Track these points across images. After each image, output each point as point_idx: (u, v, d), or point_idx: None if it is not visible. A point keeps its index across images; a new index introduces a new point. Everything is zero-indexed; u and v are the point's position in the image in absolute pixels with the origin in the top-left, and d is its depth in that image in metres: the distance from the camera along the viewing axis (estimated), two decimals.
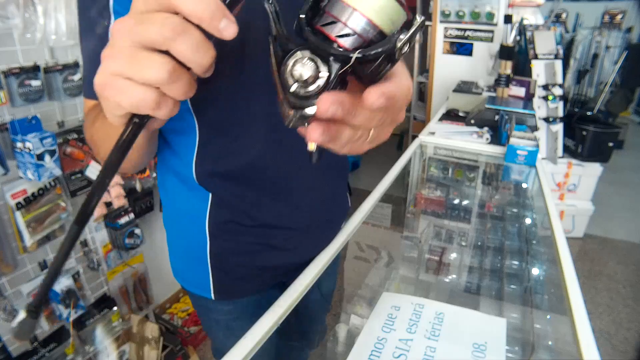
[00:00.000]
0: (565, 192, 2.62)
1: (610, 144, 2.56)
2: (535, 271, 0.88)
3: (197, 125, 0.61)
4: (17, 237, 1.23)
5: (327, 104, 0.31)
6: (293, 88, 0.33)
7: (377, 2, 0.32)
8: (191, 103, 0.58)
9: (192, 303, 0.94)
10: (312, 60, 0.33)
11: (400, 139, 4.02)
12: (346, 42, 0.32)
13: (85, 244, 1.47)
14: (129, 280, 1.66)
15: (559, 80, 2.24)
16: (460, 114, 1.84)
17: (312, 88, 0.33)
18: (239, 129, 0.62)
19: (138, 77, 0.30)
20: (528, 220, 1.09)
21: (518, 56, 2.25)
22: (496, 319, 0.64)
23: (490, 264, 0.91)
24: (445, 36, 2.62)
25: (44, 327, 1.35)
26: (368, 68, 0.32)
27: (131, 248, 1.58)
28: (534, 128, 1.52)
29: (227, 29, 0.31)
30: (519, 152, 1.27)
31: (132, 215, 1.57)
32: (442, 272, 0.89)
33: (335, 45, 0.32)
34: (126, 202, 1.56)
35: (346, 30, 0.32)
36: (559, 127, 2.29)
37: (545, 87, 2.24)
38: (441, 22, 2.59)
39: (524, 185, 1.27)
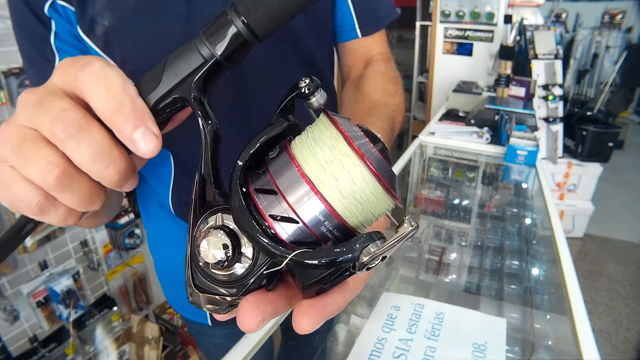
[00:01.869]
0: (565, 192, 2.62)
1: (610, 144, 2.56)
2: (535, 271, 0.88)
3: (172, 158, 0.58)
4: None
5: (250, 322, 0.23)
6: (202, 262, 0.23)
7: (349, 182, 0.21)
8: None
9: (187, 327, 0.92)
10: (231, 236, 0.23)
11: (400, 139, 4.02)
12: (282, 230, 0.22)
13: (85, 244, 1.47)
14: (129, 280, 1.66)
15: (559, 80, 2.23)
16: (460, 114, 1.84)
17: (227, 274, 0.23)
18: None
19: (21, 170, 0.23)
20: (528, 220, 1.09)
21: (518, 56, 2.25)
22: (496, 319, 0.64)
23: (490, 264, 0.91)
24: (445, 36, 2.62)
25: (44, 327, 1.35)
26: (311, 277, 0.22)
27: (131, 248, 1.58)
28: (534, 128, 1.52)
29: (144, 142, 0.23)
30: (519, 152, 1.27)
31: (132, 215, 1.57)
32: (442, 272, 0.89)
33: (266, 228, 0.22)
34: (126, 202, 1.56)
35: (287, 213, 0.22)
36: (559, 127, 2.29)
37: (545, 87, 2.24)
38: (441, 22, 2.59)
39: (524, 185, 1.26)
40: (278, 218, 0.22)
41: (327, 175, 0.21)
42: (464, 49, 2.58)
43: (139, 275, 1.69)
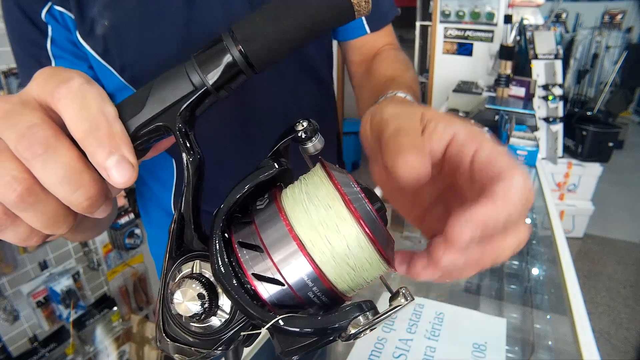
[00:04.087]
0: (565, 192, 2.62)
1: (610, 144, 2.56)
2: (535, 271, 0.88)
3: (174, 163, 0.57)
4: None
5: None
6: (174, 312, 0.22)
7: (344, 247, 0.19)
8: None
9: None
10: (208, 288, 0.21)
11: None
12: (265, 290, 0.20)
13: (85, 244, 1.46)
14: (129, 280, 1.66)
15: (559, 80, 2.23)
16: (460, 114, 1.84)
17: (201, 326, 0.22)
18: (214, 169, 0.56)
19: None
20: (528, 220, 1.09)
21: (518, 56, 2.24)
22: (496, 319, 0.64)
23: None
24: (445, 36, 2.61)
25: (44, 327, 1.35)
26: (291, 343, 0.20)
27: (131, 248, 1.58)
28: (534, 128, 1.52)
29: (117, 171, 0.21)
30: (519, 152, 1.27)
31: (132, 215, 1.57)
32: None
33: (246, 284, 0.21)
34: (126, 202, 1.57)
35: (271, 273, 0.20)
36: (559, 127, 2.29)
37: (545, 87, 2.24)
38: (441, 22, 2.59)
39: None
40: (262, 278, 0.20)
41: (319, 238, 0.19)
42: (464, 49, 2.58)
43: (139, 275, 1.69)
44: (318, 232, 0.19)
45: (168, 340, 0.23)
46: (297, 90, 0.59)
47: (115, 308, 1.57)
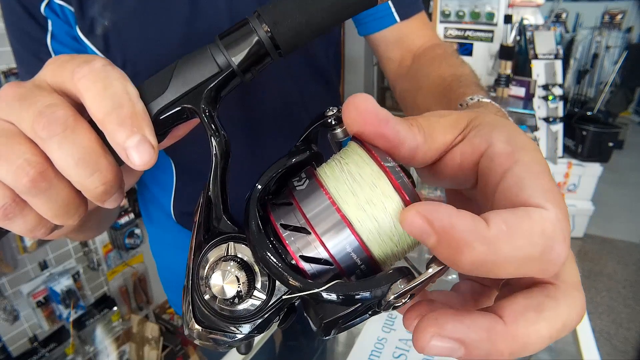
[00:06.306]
0: (565, 192, 2.62)
1: (610, 144, 2.56)
2: None
3: (173, 166, 0.57)
4: (17, 237, 1.24)
5: None
6: (207, 297, 0.21)
7: (390, 225, 0.19)
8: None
9: None
10: (246, 270, 0.21)
11: None
12: (311, 268, 0.20)
13: (85, 244, 1.47)
14: (129, 280, 1.66)
15: (559, 80, 2.23)
16: None
17: (233, 310, 0.21)
18: None
19: None
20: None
21: (518, 56, 2.25)
22: None
23: None
24: (445, 36, 2.61)
25: (44, 327, 1.35)
26: (331, 313, 0.20)
27: (131, 248, 1.59)
28: (534, 128, 1.52)
29: (137, 152, 0.21)
30: None
31: (132, 215, 1.57)
32: None
33: (291, 261, 0.20)
34: (126, 202, 1.57)
35: (321, 255, 0.20)
36: (559, 127, 2.29)
37: (545, 87, 2.24)
38: (441, 22, 2.59)
39: None
40: (311, 260, 0.20)
41: (366, 217, 0.19)
42: (464, 49, 2.58)
43: (139, 275, 1.69)
44: (365, 211, 0.19)
45: (200, 327, 0.22)
46: (304, 91, 0.58)
47: (115, 308, 1.57)
